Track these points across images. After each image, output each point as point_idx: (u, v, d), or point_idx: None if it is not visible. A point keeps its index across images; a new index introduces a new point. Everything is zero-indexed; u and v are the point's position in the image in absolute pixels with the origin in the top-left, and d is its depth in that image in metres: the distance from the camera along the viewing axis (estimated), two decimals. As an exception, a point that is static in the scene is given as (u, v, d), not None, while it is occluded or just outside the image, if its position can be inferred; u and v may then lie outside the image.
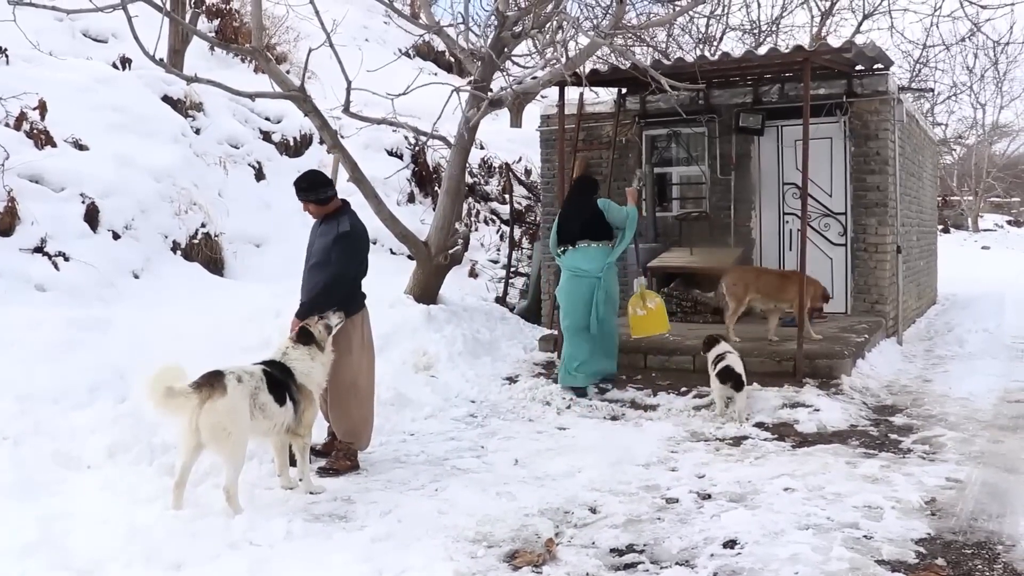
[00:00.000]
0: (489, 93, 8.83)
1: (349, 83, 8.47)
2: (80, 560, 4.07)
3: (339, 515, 4.80)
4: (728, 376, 6.78)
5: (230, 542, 4.31)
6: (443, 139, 9.73)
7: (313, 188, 5.68)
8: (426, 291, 9.34)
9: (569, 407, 7.33)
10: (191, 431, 4.62)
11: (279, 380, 5.03)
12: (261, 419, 4.87)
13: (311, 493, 5.11)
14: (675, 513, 4.80)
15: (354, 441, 5.71)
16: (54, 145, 9.31)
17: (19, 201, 8.31)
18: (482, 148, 15.15)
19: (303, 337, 5.25)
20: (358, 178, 8.84)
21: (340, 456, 5.62)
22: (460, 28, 9.54)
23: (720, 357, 6.92)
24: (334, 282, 5.52)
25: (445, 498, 5.02)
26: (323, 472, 5.49)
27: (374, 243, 8.54)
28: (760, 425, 6.62)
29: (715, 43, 18.00)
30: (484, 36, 9.87)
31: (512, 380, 8.18)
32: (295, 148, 13.18)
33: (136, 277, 8.94)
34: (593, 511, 4.85)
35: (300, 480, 5.18)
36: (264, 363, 5.13)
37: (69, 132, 9.63)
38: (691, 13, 15.02)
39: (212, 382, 4.67)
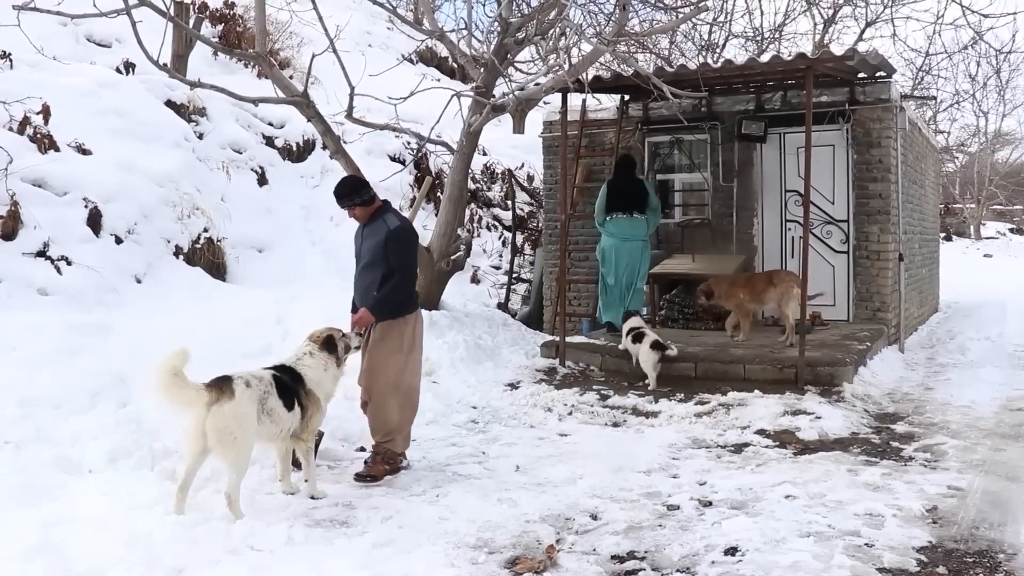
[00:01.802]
0: (492, 99, 8.85)
1: (352, 89, 8.49)
2: (81, 565, 4.08)
3: (340, 521, 4.80)
4: (659, 347, 7.89)
5: (231, 548, 4.31)
6: (446, 145, 9.75)
7: (356, 191, 5.73)
8: (428, 297, 9.34)
9: (571, 413, 7.34)
10: (197, 435, 4.63)
11: (288, 385, 5.05)
12: (268, 424, 4.89)
13: (313, 498, 5.11)
14: (676, 520, 4.80)
15: (392, 439, 5.61)
16: (57, 149, 9.32)
17: (22, 205, 8.32)
18: (485, 154, 15.15)
19: (327, 345, 5.28)
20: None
21: (378, 460, 5.55)
22: (463, 34, 9.57)
23: (639, 332, 8.10)
24: (402, 278, 5.58)
25: (446, 504, 5.03)
26: (359, 479, 5.42)
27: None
28: (761, 432, 6.61)
29: (718, 50, 18.03)
30: (487, 42, 9.90)
31: (514, 386, 8.18)
32: (298, 153, 13.18)
33: (138, 282, 8.94)
34: (594, 518, 4.84)
35: (305, 481, 5.18)
36: (274, 367, 5.16)
37: (72, 136, 9.65)
38: (694, 20, 15.03)
39: (220, 386, 4.69)
